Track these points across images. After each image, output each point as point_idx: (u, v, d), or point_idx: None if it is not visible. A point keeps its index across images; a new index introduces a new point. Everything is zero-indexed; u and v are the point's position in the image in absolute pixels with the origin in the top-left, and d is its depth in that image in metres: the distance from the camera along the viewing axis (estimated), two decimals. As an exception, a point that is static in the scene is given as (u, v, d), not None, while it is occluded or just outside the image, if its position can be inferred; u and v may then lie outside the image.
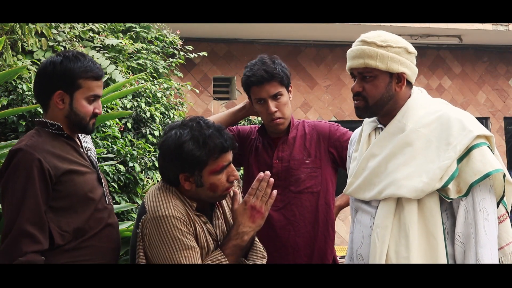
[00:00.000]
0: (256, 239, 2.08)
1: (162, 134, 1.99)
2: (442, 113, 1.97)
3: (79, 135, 2.19)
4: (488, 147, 1.93)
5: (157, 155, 3.46)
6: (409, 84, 2.04)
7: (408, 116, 1.99)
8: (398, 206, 1.95)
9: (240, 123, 3.77)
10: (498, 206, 1.98)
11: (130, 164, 3.94)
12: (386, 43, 1.96)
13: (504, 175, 1.93)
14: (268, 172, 2.03)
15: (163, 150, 1.97)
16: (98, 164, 2.24)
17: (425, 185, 1.89)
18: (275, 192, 2.02)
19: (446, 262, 1.90)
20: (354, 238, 2.10)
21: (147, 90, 4.57)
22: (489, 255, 1.86)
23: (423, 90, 2.12)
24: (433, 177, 1.89)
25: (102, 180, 2.17)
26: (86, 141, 2.23)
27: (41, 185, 1.95)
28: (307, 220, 2.51)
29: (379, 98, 1.99)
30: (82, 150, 2.16)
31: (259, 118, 4.43)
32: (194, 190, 1.96)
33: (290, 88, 2.56)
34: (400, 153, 1.96)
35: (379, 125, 2.08)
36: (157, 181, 3.96)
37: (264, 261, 2.08)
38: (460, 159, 1.90)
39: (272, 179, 2.02)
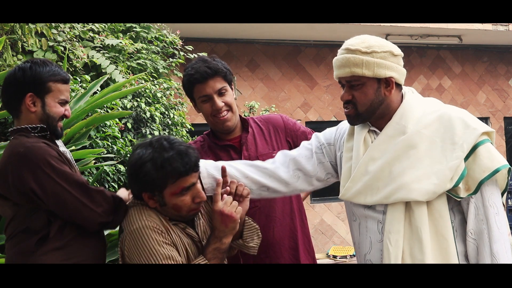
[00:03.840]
0: (247, 221, 2.13)
1: (131, 151, 2.00)
2: (442, 113, 1.97)
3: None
4: (491, 142, 1.94)
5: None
6: (399, 86, 2.03)
7: (406, 118, 1.98)
8: (407, 210, 1.94)
9: None
10: None
11: (130, 164, 3.94)
12: (371, 49, 1.93)
13: (509, 170, 1.93)
14: (221, 179, 2.07)
15: (128, 168, 1.97)
16: (76, 165, 2.25)
17: (437, 186, 1.88)
18: (246, 204, 2.08)
19: (457, 261, 1.90)
20: (360, 243, 2.07)
21: (147, 90, 4.57)
22: (503, 249, 1.87)
23: (414, 89, 2.11)
24: (444, 178, 1.88)
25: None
26: (59, 145, 2.22)
27: (62, 164, 2.00)
28: (285, 213, 2.51)
29: (369, 105, 1.98)
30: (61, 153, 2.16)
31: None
32: (159, 208, 1.96)
33: (232, 87, 2.51)
34: (404, 156, 1.94)
35: (372, 128, 2.05)
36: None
37: (259, 241, 2.15)
38: (466, 158, 1.90)
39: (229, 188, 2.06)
